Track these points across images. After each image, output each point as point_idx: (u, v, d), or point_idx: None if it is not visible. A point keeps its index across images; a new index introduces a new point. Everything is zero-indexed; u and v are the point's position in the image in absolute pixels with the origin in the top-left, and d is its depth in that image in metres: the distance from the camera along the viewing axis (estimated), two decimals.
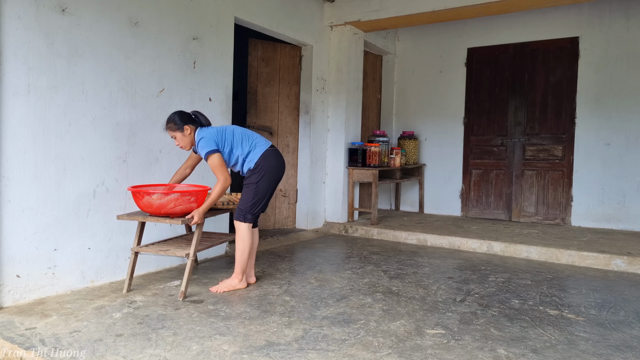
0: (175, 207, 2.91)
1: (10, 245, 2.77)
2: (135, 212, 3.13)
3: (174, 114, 3.10)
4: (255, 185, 3.13)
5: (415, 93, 6.78)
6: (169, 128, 3.09)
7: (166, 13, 3.62)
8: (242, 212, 3.13)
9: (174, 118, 3.08)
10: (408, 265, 4.02)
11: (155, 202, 2.87)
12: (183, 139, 3.09)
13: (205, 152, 3.00)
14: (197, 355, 2.18)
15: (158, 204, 2.88)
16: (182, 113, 3.11)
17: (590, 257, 4.12)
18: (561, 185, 5.73)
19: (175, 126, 3.06)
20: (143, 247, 3.07)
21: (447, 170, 6.50)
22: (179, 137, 3.08)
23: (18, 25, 2.74)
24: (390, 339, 2.42)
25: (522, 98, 5.96)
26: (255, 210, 3.15)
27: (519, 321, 2.71)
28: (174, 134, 3.08)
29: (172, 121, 3.08)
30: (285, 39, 5.08)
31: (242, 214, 3.13)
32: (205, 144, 3.02)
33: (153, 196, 2.86)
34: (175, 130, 3.06)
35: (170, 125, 3.08)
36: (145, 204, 2.90)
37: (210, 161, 3.01)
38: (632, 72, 5.34)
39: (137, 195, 2.93)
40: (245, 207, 3.13)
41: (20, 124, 2.78)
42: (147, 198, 2.88)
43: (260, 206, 3.16)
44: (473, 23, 6.20)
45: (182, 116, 3.09)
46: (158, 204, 2.88)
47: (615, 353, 2.31)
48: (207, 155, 3.00)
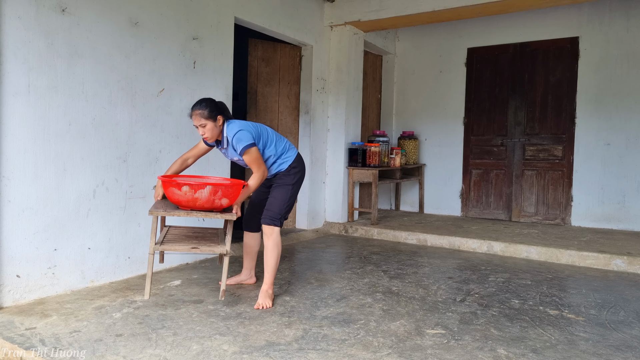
0: (221, 199, 2.66)
1: (10, 245, 2.77)
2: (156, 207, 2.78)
3: (207, 101, 2.81)
4: (291, 187, 2.99)
5: (415, 93, 6.78)
6: (200, 115, 2.76)
7: (166, 13, 3.62)
8: (278, 215, 2.93)
9: (207, 105, 2.78)
10: (408, 265, 4.01)
11: (202, 196, 2.60)
12: (213, 129, 2.81)
13: (244, 145, 2.77)
14: (197, 355, 2.18)
15: (205, 198, 2.62)
16: (215, 101, 2.85)
17: (590, 257, 4.12)
18: (561, 185, 5.73)
19: (209, 114, 2.77)
20: (169, 246, 2.78)
21: (447, 170, 6.50)
22: (209, 127, 2.78)
23: (18, 25, 2.74)
24: (390, 339, 2.41)
25: (522, 98, 5.96)
26: (288, 213, 3.00)
27: (519, 321, 2.71)
28: (203, 122, 2.77)
29: (205, 108, 2.77)
30: (285, 39, 5.08)
31: (277, 217, 2.93)
32: (244, 137, 2.79)
33: (204, 189, 2.60)
34: (207, 118, 2.77)
35: (202, 112, 2.77)
36: (187, 197, 2.62)
37: (249, 155, 2.80)
38: (632, 72, 5.34)
39: (177, 187, 2.63)
40: (280, 210, 2.94)
41: (20, 124, 2.78)
42: (190, 192, 2.59)
43: (290, 209, 3.02)
44: (473, 23, 6.20)
45: (216, 105, 2.83)
46: (205, 198, 2.62)
47: (615, 353, 2.31)
48: (247, 149, 2.78)
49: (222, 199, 2.66)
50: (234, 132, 2.80)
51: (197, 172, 3.85)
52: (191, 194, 2.62)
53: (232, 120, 2.89)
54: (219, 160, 4.16)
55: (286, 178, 2.99)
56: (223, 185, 2.68)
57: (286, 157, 3.02)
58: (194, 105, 2.81)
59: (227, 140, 2.87)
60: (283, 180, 2.99)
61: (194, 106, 2.81)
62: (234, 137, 2.80)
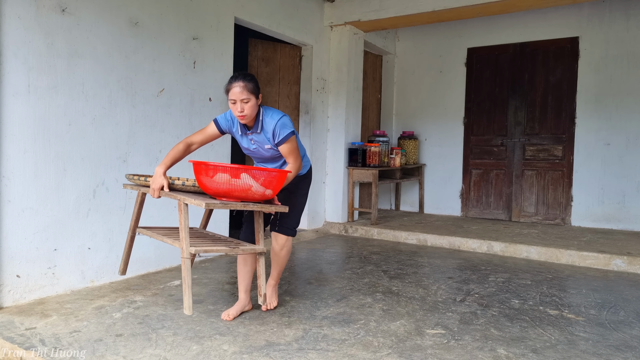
0: (266, 190, 2.33)
1: (10, 245, 2.77)
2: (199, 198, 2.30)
3: (252, 75, 2.48)
4: (307, 193, 2.82)
5: (415, 93, 6.78)
6: (245, 88, 2.39)
7: (166, 13, 3.62)
8: (296, 225, 2.78)
9: (253, 78, 2.45)
10: (408, 265, 4.01)
11: (257, 188, 2.28)
12: (254, 108, 2.44)
13: (289, 132, 2.48)
14: (197, 355, 2.18)
15: (259, 188, 2.29)
16: (255, 77, 2.54)
17: (590, 257, 4.12)
18: (561, 185, 5.73)
19: (254, 88, 2.43)
20: (206, 247, 2.33)
21: (447, 170, 6.50)
22: (251, 105, 2.41)
23: (18, 25, 2.74)
24: (390, 339, 2.41)
25: (522, 98, 5.96)
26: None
27: (519, 321, 2.71)
28: (248, 98, 2.39)
29: (252, 81, 2.43)
30: (285, 39, 5.08)
31: (295, 226, 2.78)
32: (289, 122, 2.51)
33: (259, 180, 2.27)
34: (252, 93, 2.41)
35: (248, 85, 2.40)
36: (241, 186, 2.25)
37: (291, 144, 2.50)
38: (632, 72, 5.34)
39: (231, 173, 2.25)
40: (297, 218, 2.78)
41: (20, 124, 2.78)
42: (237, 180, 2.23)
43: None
44: (473, 23, 6.20)
45: (257, 82, 2.50)
46: (259, 188, 2.29)
47: (615, 353, 2.31)
48: (290, 136, 2.49)
49: (267, 190, 2.34)
50: (278, 116, 2.49)
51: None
52: (245, 182, 2.25)
53: (266, 106, 2.59)
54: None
55: (303, 184, 2.79)
56: (275, 174, 2.32)
57: (306, 160, 2.81)
58: (237, 77, 2.42)
59: (262, 125, 2.51)
60: (300, 185, 2.77)
61: (237, 78, 2.42)
62: (279, 122, 2.47)
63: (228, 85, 2.44)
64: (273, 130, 2.48)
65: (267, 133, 2.51)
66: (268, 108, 2.57)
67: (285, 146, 2.51)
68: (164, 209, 3.65)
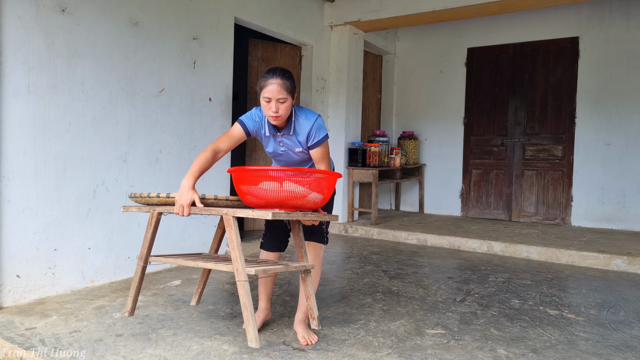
0: (326, 195, 2.12)
1: (10, 245, 2.77)
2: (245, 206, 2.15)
3: (290, 73, 2.25)
4: (334, 196, 2.54)
5: (415, 93, 6.78)
6: (283, 87, 2.16)
7: (166, 13, 3.62)
8: (327, 232, 2.54)
9: (291, 76, 2.23)
10: (408, 265, 4.01)
11: (314, 196, 2.05)
12: (288, 108, 2.22)
13: (324, 135, 2.29)
14: (197, 355, 2.18)
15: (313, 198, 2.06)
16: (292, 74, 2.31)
17: (590, 257, 4.12)
18: (561, 185, 5.73)
19: (291, 88, 2.21)
20: (259, 267, 2.02)
21: (447, 170, 6.50)
22: (287, 105, 2.19)
23: (18, 25, 2.74)
24: (390, 339, 2.41)
25: (522, 98, 5.96)
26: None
27: (519, 321, 2.71)
28: (284, 97, 2.16)
29: (290, 79, 2.20)
30: (285, 39, 5.08)
31: (327, 233, 2.54)
32: (324, 124, 2.31)
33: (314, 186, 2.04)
34: (290, 92, 2.19)
35: (288, 84, 2.18)
36: (293, 194, 2.01)
37: (324, 148, 2.31)
38: (632, 72, 5.34)
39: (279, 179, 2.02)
40: (327, 224, 2.54)
41: (20, 124, 2.78)
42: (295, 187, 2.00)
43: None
44: (473, 23, 6.20)
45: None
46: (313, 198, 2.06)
47: (615, 353, 2.30)
48: (325, 140, 2.30)
49: (320, 195, 2.11)
50: (314, 117, 2.29)
51: None
52: (300, 188, 2.02)
53: (296, 105, 2.38)
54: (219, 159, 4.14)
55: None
56: (329, 177, 2.11)
57: (332, 161, 2.56)
58: (275, 73, 2.18)
59: (295, 127, 2.29)
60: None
61: (274, 74, 2.17)
62: (316, 123, 2.27)
63: (263, 82, 2.18)
64: (309, 132, 2.27)
65: (300, 135, 2.30)
66: (301, 108, 2.36)
67: (318, 150, 2.30)
68: None
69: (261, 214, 1.90)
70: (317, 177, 2.07)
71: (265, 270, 1.99)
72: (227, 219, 1.98)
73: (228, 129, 4.17)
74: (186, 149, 3.81)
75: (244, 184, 2.02)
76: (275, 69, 2.21)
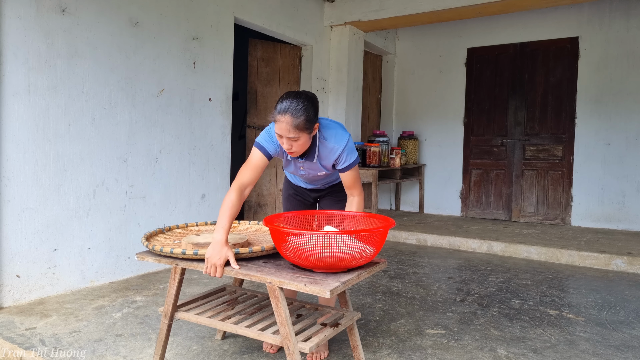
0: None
1: (10, 245, 2.77)
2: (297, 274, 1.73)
3: (307, 103, 1.89)
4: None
5: (415, 93, 6.78)
6: (292, 126, 1.86)
7: (166, 13, 3.62)
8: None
9: (305, 110, 1.87)
10: (408, 265, 4.01)
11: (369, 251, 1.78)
12: (305, 144, 1.95)
13: (355, 158, 2.07)
14: (197, 355, 2.18)
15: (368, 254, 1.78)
16: (313, 99, 1.95)
17: (590, 257, 4.12)
18: (561, 185, 5.73)
19: (307, 125, 1.89)
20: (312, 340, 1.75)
21: (447, 170, 6.50)
22: (302, 141, 1.92)
23: (18, 25, 2.74)
24: (390, 339, 2.41)
25: (522, 98, 5.96)
26: None
27: (519, 321, 2.71)
28: (297, 136, 1.88)
29: (303, 115, 1.86)
30: (285, 39, 5.08)
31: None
32: (354, 146, 2.09)
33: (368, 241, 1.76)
34: (304, 130, 1.89)
35: (300, 122, 1.86)
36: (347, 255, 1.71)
37: (356, 171, 2.09)
38: (632, 72, 5.34)
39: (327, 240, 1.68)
40: None
41: (20, 124, 2.78)
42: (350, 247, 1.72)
43: None
44: (473, 23, 6.20)
45: (315, 108, 1.94)
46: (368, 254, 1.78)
47: (615, 353, 2.30)
48: (356, 163, 2.08)
49: (372, 248, 1.81)
50: (344, 140, 2.03)
51: (196, 180, 3.84)
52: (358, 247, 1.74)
53: (321, 119, 2.07)
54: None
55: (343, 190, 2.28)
56: (383, 230, 1.78)
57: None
58: (286, 110, 1.86)
59: (319, 153, 2.04)
60: (342, 191, 2.31)
61: (285, 111, 1.86)
62: (347, 147, 2.03)
63: (275, 115, 1.89)
64: (338, 157, 2.03)
65: (325, 160, 2.06)
66: (330, 126, 2.06)
67: (349, 173, 2.06)
68: (164, 209, 3.65)
69: (317, 290, 1.59)
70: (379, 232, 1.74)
71: (319, 343, 1.74)
72: (272, 290, 1.69)
73: (228, 129, 4.18)
74: (186, 149, 3.81)
75: (285, 243, 1.74)
76: (288, 100, 1.88)
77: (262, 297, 2.24)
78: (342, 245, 1.69)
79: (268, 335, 1.79)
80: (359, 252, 1.73)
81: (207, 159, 3.99)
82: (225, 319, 1.94)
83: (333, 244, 1.67)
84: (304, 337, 1.77)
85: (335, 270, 1.74)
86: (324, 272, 1.74)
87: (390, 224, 1.82)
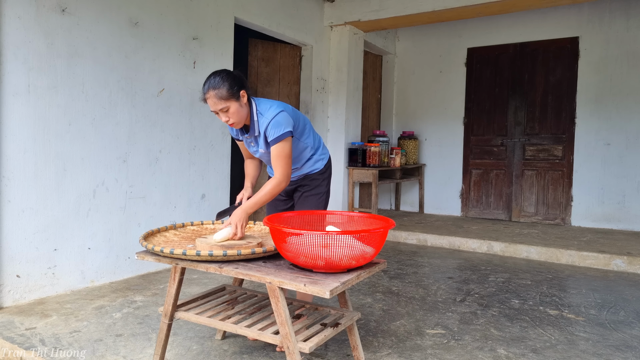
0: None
1: (10, 245, 2.77)
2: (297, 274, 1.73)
3: (223, 74, 2.01)
4: (326, 195, 2.33)
5: (415, 93, 6.78)
6: (217, 96, 1.98)
7: (166, 13, 3.62)
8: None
9: (224, 79, 1.99)
10: (408, 265, 4.01)
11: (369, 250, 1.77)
12: (240, 110, 2.04)
13: (283, 132, 2.04)
14: (197, 355, 2.18)
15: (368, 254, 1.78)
16: (231, 72, 2.05)
17: (590, 257, 4.12)
18: (561, 185, 5.73)
19: (230, 92, 1.99)
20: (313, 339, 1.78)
21: (447, 170, 6.50)
22: (233, 109, 2.01)
23: (18, 25, 2.74)
24: (390, 339, 2.41)
25: (522, 98, 5.96)
26: None
27: (519, 321, 2.71)
28: (225, 105, 1.99)
29: (222, 84, 1.98)
30: (285, 39, 5.08)
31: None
32: (285, 120, 2.05)
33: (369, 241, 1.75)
34: (229, 98, 1.99)
35: (222, 91, 1.98)
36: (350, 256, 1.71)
37: (281, 147, 2.04)
38: (632, 72, 5.34)
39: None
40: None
41: (20, 124, 2.78)
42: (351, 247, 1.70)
43: None
44: (473, 23, 6.20)
45: (236, 77, 2.03)
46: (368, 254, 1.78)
47: (615, 353, 2.30)
48: (283, 138, 2.04)
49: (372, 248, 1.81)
50: (273, 113, 2.06)
51: (195, 179, 3.84)
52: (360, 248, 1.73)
53: (260, 98, 2.16)
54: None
55: (320, 182, 2.30)
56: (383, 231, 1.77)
57: (323, 153, 2.36)
58: (207, 83, 2.01)
59: (258, 126, 2.10)
60: (316, 184, 2.30)
61: (206, 84, 2.01)
62: (273, 120, 2.04)
63: (202, 97, 2.05)
64: (266, 129, 2.07)
65: (263, 135, 2.12)
66: (263, 102, 2.13)
67: (274, 149, 2.06)
68: (164, 209, 3.65)
69: (317, 291, 1.58)
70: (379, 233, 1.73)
71: (318, 343, 1.75)
72: (271, 289, 1.68)
73: (227, 129, 4.18)
74: (186, 149, 3.81)
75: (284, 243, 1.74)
76: (209, 77, 2.02)
77: (262, 296, 2.24)
78: (342, 245, 1.68)
79: (268, 335, 1.79)
80: (359, 253, 1.73)
81: (207, 159, 3.99)
82: (225, 319, 1.95)
83: (333, 244, 1.67)
84: (303, 337, 1.78)
85: (335, 270, 1.75)
86: (324, 272, 1.75)
87: (390, 224, 1.83)
